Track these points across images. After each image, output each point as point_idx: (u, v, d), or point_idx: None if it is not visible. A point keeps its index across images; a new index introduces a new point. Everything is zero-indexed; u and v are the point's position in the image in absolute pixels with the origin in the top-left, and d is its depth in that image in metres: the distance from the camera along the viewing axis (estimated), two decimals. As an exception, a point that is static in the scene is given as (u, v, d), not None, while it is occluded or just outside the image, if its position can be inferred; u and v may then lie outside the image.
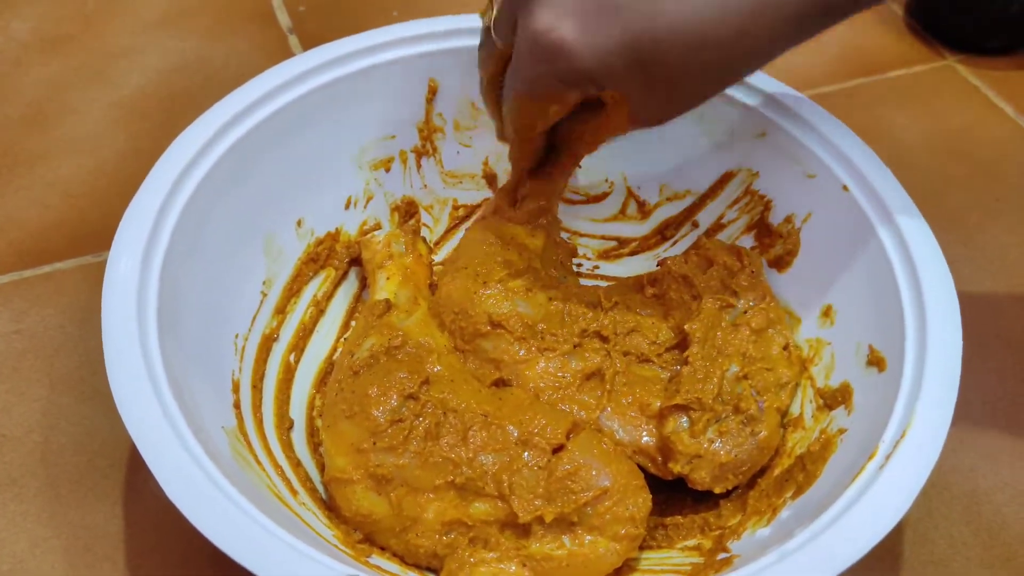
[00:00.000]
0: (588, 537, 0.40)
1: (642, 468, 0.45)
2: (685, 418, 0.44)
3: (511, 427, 0.42)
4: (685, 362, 0.45)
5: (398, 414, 0.42)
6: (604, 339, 0.48)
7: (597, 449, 0.41)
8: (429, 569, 0.42)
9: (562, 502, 0.40)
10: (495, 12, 0.43)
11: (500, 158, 0.58)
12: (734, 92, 0.52)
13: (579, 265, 0.58)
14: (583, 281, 0.56)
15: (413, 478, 0.41)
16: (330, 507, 0.44)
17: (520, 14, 0.40)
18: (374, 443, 0.42)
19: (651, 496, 0.41)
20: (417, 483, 0.41)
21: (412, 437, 0.42)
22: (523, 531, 0.40)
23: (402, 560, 0.42)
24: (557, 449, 0.41)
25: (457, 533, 0.41)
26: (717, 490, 0.44)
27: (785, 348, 0.47)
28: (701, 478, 0.43)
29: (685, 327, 0.47)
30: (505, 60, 0.43)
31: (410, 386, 0.43)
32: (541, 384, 0.46)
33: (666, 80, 0.39)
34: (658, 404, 0.45)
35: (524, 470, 0.41)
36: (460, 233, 0.58)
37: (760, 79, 0.52)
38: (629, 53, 0.37)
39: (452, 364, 0.46)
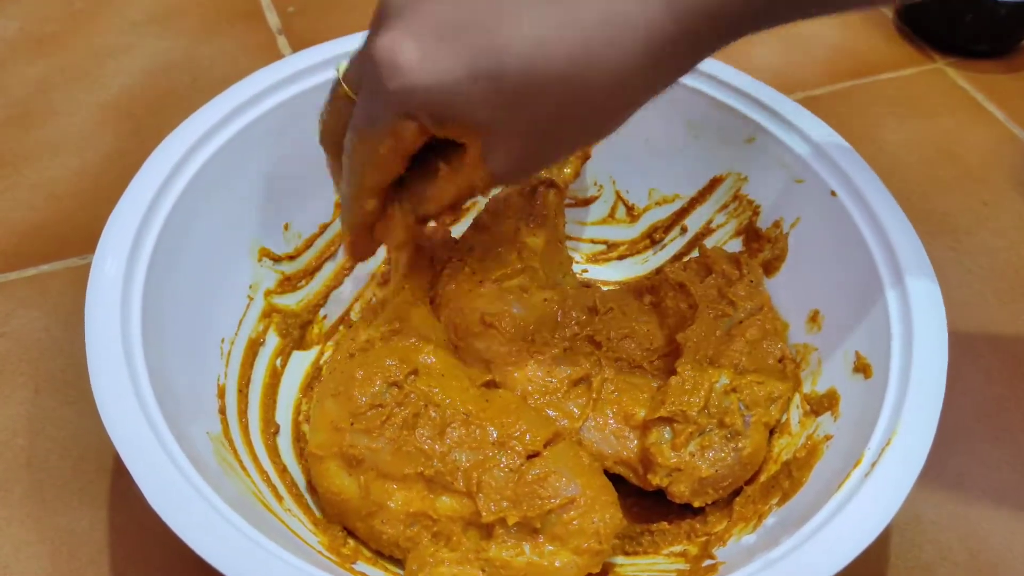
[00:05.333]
0: (549, 547, 0.40)
1: (624, 479, 0.45)
2: (668, 430, 0.43)
3: (491, 428, 0.42)
4: (675, 371, 0.45)
5: (379, 399, 0.42)
6: (597, 344, 0.47)
7: (572, 460, 0.41)
8: (393, 559, 0.42)
9: (527, 506, 0.40)
10: (348, 61, 0.37)
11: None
12: (722, 96, 0.52)
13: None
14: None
15: (383, 463, 0.41)
16: (310, 486, 0.44)
17: (365, 43, 0.34)
18: (351, 424, 0.42)
19: (622, 516, 0.40)
20: (387, 469, 0.41)
21: (389, 424, 0.42)
22: (486, 532, 0.40)
23: (367, 546, 0.42)
24: (533, 456, 0.41)
25: (421, 526, 0.41)
26: (696, 504, 0.44)
27: (780, 361, 0.47)
28: (680, 491, 0.43)
29: (677, 336, 0.46)
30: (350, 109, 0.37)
31: (396, 374, 0.43)
32: (529, 387, 0.46)
33: (511, 106, 0.33)
34: (643, 414, 0.45)
35: (495, 470, 0.40)
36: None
37: (748, 83, 0.52)
38: (471, 78, 0.32)
39: (447, 359, 0.45)
